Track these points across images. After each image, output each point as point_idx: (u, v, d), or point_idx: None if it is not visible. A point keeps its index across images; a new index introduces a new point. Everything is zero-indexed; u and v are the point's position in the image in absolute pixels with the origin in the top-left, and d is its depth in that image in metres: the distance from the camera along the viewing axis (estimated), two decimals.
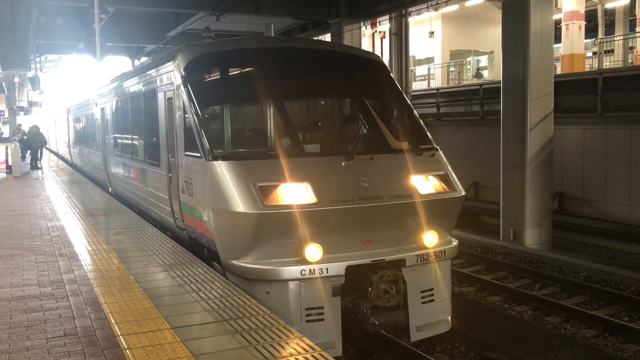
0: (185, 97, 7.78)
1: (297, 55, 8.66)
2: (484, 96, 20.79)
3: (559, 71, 25.36)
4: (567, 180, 17.89)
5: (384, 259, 6.93)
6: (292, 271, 6.59)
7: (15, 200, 14.44)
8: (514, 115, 15.18)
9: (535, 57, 14.66)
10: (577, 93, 17.99)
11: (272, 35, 18.78)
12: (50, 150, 41.19)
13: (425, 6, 27.97)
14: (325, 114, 9.80)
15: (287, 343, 4.74)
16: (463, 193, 7.60)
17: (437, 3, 25.37)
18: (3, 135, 24.78)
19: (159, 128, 9.58)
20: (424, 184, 7.34)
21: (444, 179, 7.59)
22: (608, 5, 33.02)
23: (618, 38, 29.52)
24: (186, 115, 7.82)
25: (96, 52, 17.98)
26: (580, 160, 17.48)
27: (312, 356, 4.47)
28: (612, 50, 28.74)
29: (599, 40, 26.01)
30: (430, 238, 7.27)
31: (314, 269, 6.58)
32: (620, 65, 27.48)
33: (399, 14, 26.37)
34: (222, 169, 6.83)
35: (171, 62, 8.63)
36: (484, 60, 36.98)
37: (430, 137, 8.16)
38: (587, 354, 8.06)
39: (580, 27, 25.91)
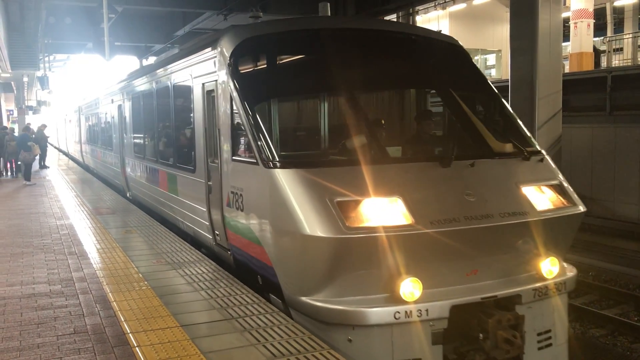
0: (233, 90, 6.44)
1: (369, 37, 7.16)
2: None
3: (567, 70, 25.25)
4: (576, 179, 17.79)
5: (495, 296, 5.41)
6: (384, 314, 5.10)
7: (24, 199, 14.54)
8: (521, 113, 15.11)
9: (543, 56, 14.58)
10: (586, 92, 17.90)
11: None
12: (60, 150, 41.30)
13: (433, 5, 27.92)
14: (402, 109, 8.18)
15: (296, 341, 4.75)
16: (584, 208, 6.15)
17: (445, 2, 25.31)
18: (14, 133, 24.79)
19: (195, 127, 8.24)
20: (539, 198, 5.94)
21: (560, 190, 6.18)
22: (617, 3, 32.81)
23: (627, 36, 29.33)
24: (235, 112, 6.51)
25: (105, 51, 18.04)
26: (589, 159, 17.39)
27: (321, 354, 4.48)
28: (621, 49, 28.56)
29: (607, 38, 25.85)
30: (549, 266, 5.81)
31: (411, 311, 5.11)
32: (630, 64, 27.31)
33: (406, 12, 26.32)
34: (288, 180, 5.45)
35: (212, 48, 7.27)
36: (491, 59, 36.88)
37: (532, 137, 6.82)
38: (596, 354, 8.04)
39: (588, 25, 25.76)
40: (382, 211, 5.24)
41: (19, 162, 20.77)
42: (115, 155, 15.79)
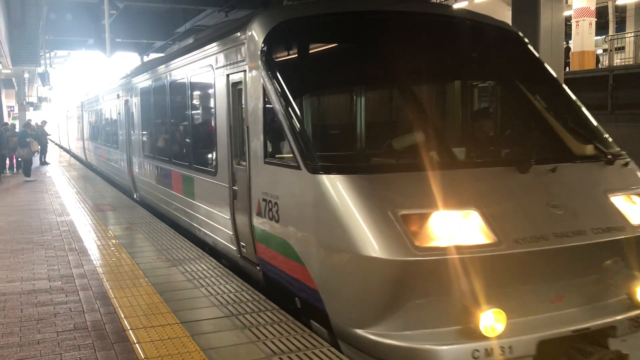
0: (268, 81, 5.58)
1: (423, 22, 6.23)
2: None
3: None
4: None
5: (588, 328, 4.48)
6: (460, 352, 4.20)
7: (25, 195, 14.54)
8: None
9: (545, 54, 14.56)
10: (587, 90, 17.88)
11: None
12: (62, 147, 41.22)
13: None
14: (462, 104, 6.99)
15: (296, 338, 4.74)
16: None
17: (447, 0, 25.28)
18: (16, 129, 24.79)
19: (216, 125, 7.36)
20: (632, 209, 5.07)
21: None
22: (619, 2, 32.75)
23: (629, 35, 29.28)
24: (269, 107, 5.66)
25: (106, 48, 18.02)
26: None
27: (321, 351, 4.47)
28: (623, 48, 28.51)
29: (609, 37, 25.79)
30: None
31: (492, 348, 4.21)
32: (631, 63, 27.27)
33: None
34: (341, 188, 4.60)
35: (240, 34, 6.37)
36: None
37: (610, 138, 5.89)
38: None
39: (590, 24, 25.72)
40: (456, 227, 4.42)
41: (19, 159, 20.80)
42: (121, 154, 15.04)
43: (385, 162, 5.32)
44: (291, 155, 5.18)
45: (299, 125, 5.18)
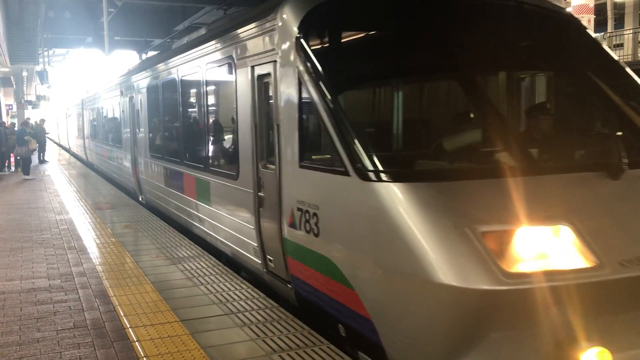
0: (305, 72, 4.82)
1: (478, 5, 5.33)
2: None
3: None
4: None
5: None
6: None
7: (24, 194, 14.53)
8: None
9: None
10: None
11: None
12: (61, 146, 41.14)
13: None
14: (530, 98, 6.19)
15: (296, 336, 4.75)
16: None
17: None
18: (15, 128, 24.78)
19: (237, 122, 6.66)
20: None
21: None
22: None
23: (628, 32, 29.28)
24: (305, 101, 4.94)
25: (104, 46, 18.00)
26: None
27: (321, 349, 4.47)
28: (622, 44, 28.51)
29: (608, 34, 25.80)
30: None
31: None
32: (630, 59, 27.27)
33: None
34: (406, 199, 3.85)
35: (270, 19, 5.59)
36: None
37: None
38: None
39: (589, 20, 25.72)
40: (547, 246, 3.70)
41: (17, 157, 20.79)
42: (126, 154, 14.23)
43: (457, 167, 4.51)
44: (336, 158, 4.39)
45: (346, 123, 4.40)
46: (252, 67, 6.10)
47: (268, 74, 5.72)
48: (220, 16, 12.14)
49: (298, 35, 4.99)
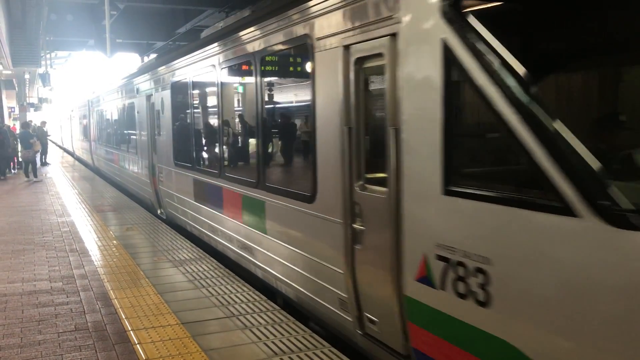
0: (465, 47, 3.26)
1: None
2: None
3: None
4: None
5: None
6: None
7: (25, 196, 14.55)
8: None
9: None
10: None
11: None
12: (66, 150, 41.08)
13: None
14: None
15: (297, 338, 4.74)
16: None
17: None
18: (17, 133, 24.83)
19: (316, 122, 5.04)
20: None
21: None
22: None
23: None
24: (462, 90, 3.45)
25: (106, 48, 18.04)
26: None
27: (322, 352, 4.47)
28: None
29: None
30: None
31: None
32: None
33: None
34: None
35: None
36: None
37: None
38: None
39: None
40: None
41: (20, 160, 20.83)
42: (142, 161, 12.67)
43: None
44: (544, 185, 2.81)
45: (562, 129, 2.78)
46: (346, 47, 4.50)
47: (377, 56, 4.14)
48: (222, 18, 10.78)
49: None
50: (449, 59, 3.40)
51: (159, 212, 11.65)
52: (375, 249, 4.28)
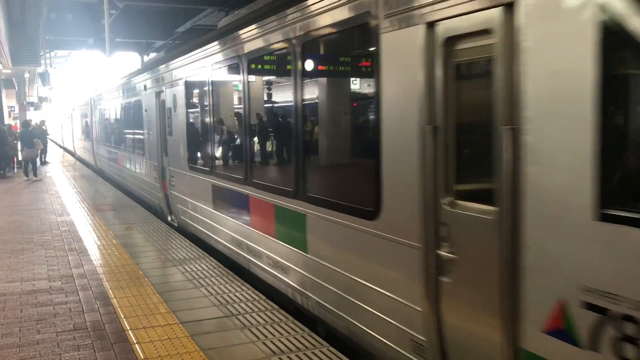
0: None
1: None
2: None
3: None
4: None
5: None
6: None
7: (25, 196, 14.55)
8: None
9: None
10: None
11: None
12: (66, 150, 41.01)
13: None
14: None
15: (296, 338, 4.74)
16: None
17: None
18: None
19: (382, 120, 4.13)
20: None
21: None
22: None
23: None
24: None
25: (106, 48, 18.03)
26: None
27: (321, 351, 4.47)
28: None
29: None
30: None
31: None
32: None
33: None
34: None
35: None
36: None
37: None
38: None
39: None
40: None
41: (21, 159, 20.83)
42: (150, 162, 11.81)
43: None
44: None
45: None
46: (430, 25, 3.58)
47: (479, 34, 3.23)
48: (222, 17, 10.05)
49: None
50: (610, 33, 2.47)
51: (169, 218, 10.76)
52: (474, 285, 3.34)
